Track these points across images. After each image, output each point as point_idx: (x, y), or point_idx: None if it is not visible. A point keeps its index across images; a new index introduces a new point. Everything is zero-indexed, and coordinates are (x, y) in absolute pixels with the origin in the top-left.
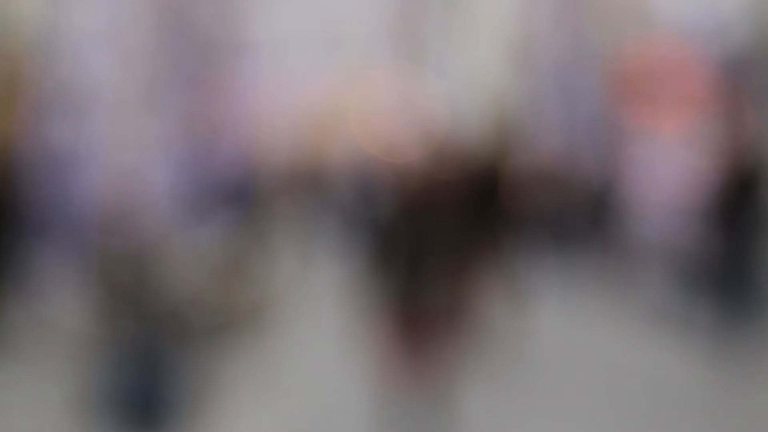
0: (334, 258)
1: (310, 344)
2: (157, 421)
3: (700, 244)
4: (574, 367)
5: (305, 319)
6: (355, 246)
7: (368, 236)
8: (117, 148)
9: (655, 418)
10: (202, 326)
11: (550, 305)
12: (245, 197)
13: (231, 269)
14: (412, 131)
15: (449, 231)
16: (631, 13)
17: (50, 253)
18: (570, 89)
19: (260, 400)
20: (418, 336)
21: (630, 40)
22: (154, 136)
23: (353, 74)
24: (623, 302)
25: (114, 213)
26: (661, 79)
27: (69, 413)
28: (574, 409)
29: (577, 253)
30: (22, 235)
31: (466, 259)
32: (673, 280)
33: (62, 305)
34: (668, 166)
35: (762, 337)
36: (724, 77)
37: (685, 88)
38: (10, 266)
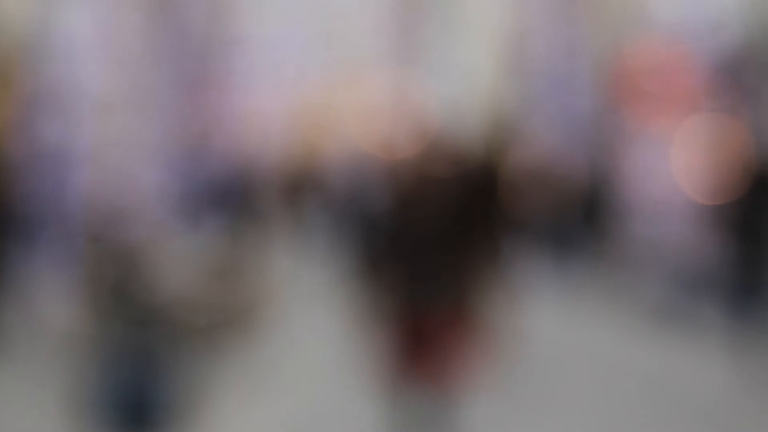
0: (328, 257)
1: (304, 343)
2: (150, 422)
3: (699, 242)
4: (573, 368)
5: (299, 319)
6: (349, 244)
7: (362, 234)
8: (108, 147)
9: (656, 420)
10: (195, 326)
11: (547, 305)
12: (238, 196)
13: (224, 268)
14: (405, 128)
15: (444, 228)
16: (626, 12)
17: (42, 253)
18: (565, 87)
19: (254, 400)
20: (414, 335)
21: (626, 38)
22: (146, 135)
23: (347, 71)
24: (622, 302)
25: (104, 212)
26: (657, 77)
27: (62, 413)
28: (574, 410)
29: (574, 251)
30: (14, 234)
31: (462, 256)
32: (673, 279)
33: (54, 305)
34: (665, 164)
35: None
36: (720, 75)
37: (682, 86)
38: (2, 265)
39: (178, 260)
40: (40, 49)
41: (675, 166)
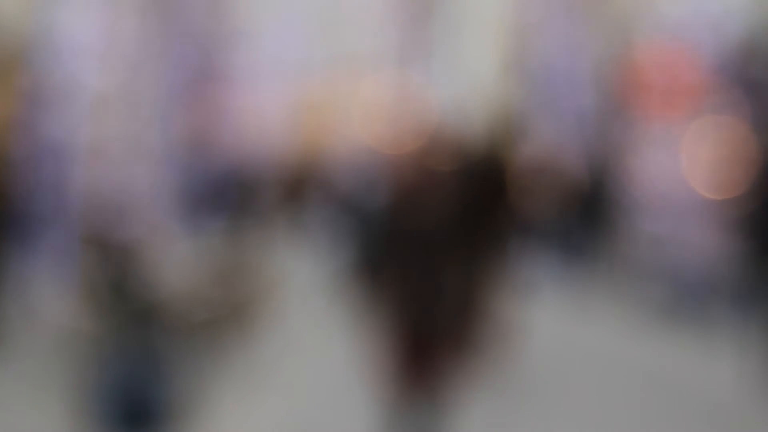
0: (329, 254)
1: (304, 342)
2: (149, 419)
3: (705, 238)
4: (577, 368)
5: (299, 317)
6: (351, 241)
7: (364, 231)
8: (107, 144)
9: (662, 419)
10: (194, 323)
11: (551, 303)
12: (238, 192)
13: (224, 265)
14: (409, 123)
15: (449, 224)
16: (631, 9)
17: (41, 250)
18: (570, 83)
19: (252, 397)
20: (415, 334)
21: (630, 35)
22: (146, 132)
23: (350, 66)
24: (627, 300)
25: (103, 210)
26: (662, 74)
27: (61, 411)
28: (579, 411)
29: (579, 249)
30: (13, 231)
31: (468, 253)
32: (678, 276)
33: (52, 302)
34: (670, 161)
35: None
36: (724, 72)
37: (687, 82)
38: (1, 261)
39: (178, 257)
40: (40, 45)
41: (680, 162)
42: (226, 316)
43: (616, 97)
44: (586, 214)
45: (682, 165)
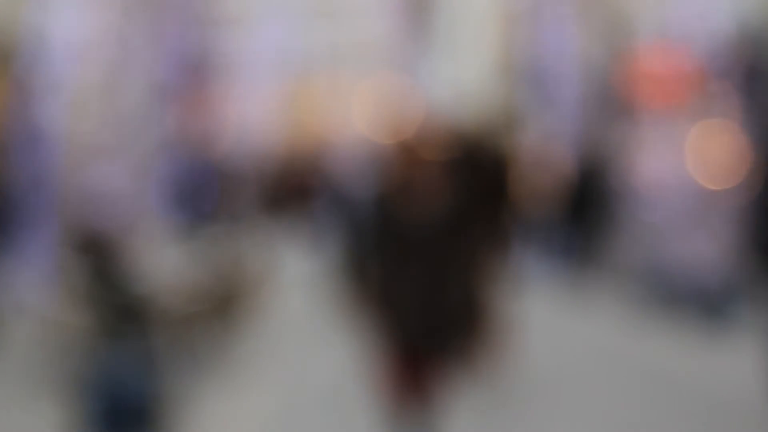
0: (320, 248)
1: (292, 337)
2: (136, 414)
3: (703, 231)
4: (574, 369)
5: (287, 312)
6: (343, 234)
7: (357, 224)
8: (93, 139)
9: (661, 418)
10: (182, 318)
11: (548, 300)
12: (227, 185)
13: (212, 259)
14: (403, 113)
15: (442, 215)
16: (625, 2)
17: (27, 244)
18: (565, 77)
19: (239, 393)
20: (408, 334)
21: (625, 29)
22: (131, 124)
23: (345, 57)
24: (624, 296)
25: (89, 204)
26: (655, 68)
27: (47, 406)
28: (576, 414)
29: (574, 245)
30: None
31: (463, 246)
32: (675, 270)
33: (38, 296)
34: (665, 154)
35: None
36: (717, 65)
37: (680, 75)
38: None
39: (165, 251)
40: (28, 41)
41: (677, 156)
42: (214, 310)
43: (612, 92)
44: (582, 209)
45: (678, 159)
